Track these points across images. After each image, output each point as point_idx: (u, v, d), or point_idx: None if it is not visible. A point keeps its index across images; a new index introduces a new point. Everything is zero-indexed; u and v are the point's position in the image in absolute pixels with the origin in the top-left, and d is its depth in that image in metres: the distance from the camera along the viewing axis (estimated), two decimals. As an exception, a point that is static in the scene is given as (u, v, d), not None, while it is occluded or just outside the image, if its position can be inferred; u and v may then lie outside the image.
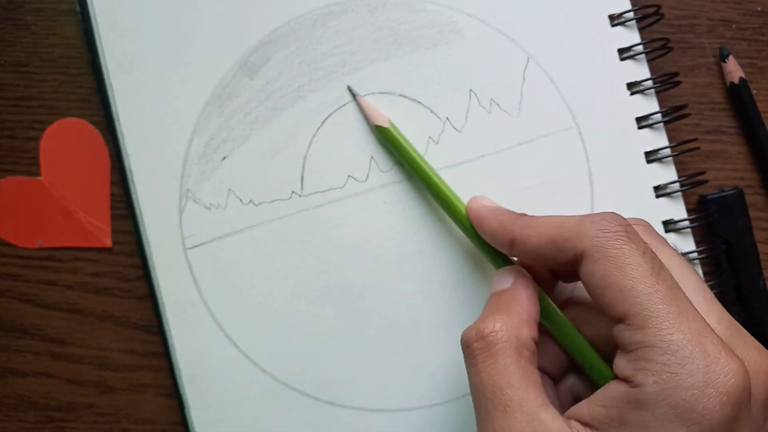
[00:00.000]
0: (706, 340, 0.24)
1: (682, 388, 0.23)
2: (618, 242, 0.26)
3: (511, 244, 0.29)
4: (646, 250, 0.26)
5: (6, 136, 0.36)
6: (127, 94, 0.35)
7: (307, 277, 0.34)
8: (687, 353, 0.23)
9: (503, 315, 0.27)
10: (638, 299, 0.24)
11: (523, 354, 0.27)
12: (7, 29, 0.36)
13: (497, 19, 0.35)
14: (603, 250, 0.26)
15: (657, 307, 0.24)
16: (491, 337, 0.27)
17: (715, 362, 0.23)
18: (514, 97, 0.35)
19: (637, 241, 0.26)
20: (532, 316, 0.28)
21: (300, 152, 0.35)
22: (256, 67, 0.35)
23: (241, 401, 0.34)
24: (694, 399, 0.23)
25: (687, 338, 0.24)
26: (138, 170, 0.35)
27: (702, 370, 0.23)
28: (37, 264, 0.36)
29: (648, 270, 0.25)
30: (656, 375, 0.23)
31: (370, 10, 0.35)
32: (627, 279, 0.25)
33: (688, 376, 0.23)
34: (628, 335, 0.25)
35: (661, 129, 0.36)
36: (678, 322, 0.24)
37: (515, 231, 0.29)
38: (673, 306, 0.24)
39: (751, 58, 0.38)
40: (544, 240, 0.28)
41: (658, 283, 0.25)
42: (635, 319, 0.24)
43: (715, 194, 0.36)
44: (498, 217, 0.30)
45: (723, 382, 0.23)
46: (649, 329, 0.24)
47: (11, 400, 0.36)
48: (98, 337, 0.36)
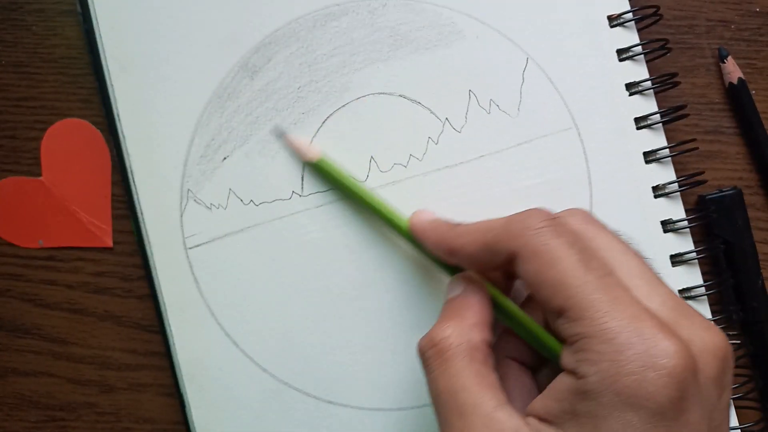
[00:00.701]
0: (643, 324, 0.24)
1: (622, 375, 0.23)
2: (544, 237, 0.26)
3: (451, 254, 0.30)
4: (574, 241, 0.26)
5: (7, 136, 0.36)
6: (128, 95, 0.35)
7: (307, 276, 0.34)
8: (624, 339, 0.23)
9: (454, 321, 0.28)
10: (570, 292, 0.25)
11: (475, 357, 0.27)
12: (8, 30, 0.36)
13: (497, 20, 0.35)
14: (531, 248, 0.26)
15: (590, 297, 0.24)
16: (442, 343, 0.27)
17: (653, 345, 0.23)
18: (513, 98, 0.35)
19: (563, 234, 0.26)
20: (483, 319, 0.28)
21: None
22: (256, 68, 0.35)
23: (241, 400, 0.34)
24: (637, 384, 0.23)
25: (622, 324, 0.24)
26: (139, 170, 0.35)
27: (641, 354, 0.23)
28: (39, 264, 0.36)
29: (576, 262, 0.25)
30: (597, 365, 0.23)
31: (371, 11, 0.35)
32: (558, 273, 0.25)
33: (628, 362, 0.23)
34: (567, 328, 0.25)
35: (660, 129, 0.36)
36: (612, 309, 0.24)
37: (452, 241, 0.29)
38: (606, 294, 0.24)
39: (750, 59, 0.38)
40: (478, 246, 0.28)
41: (588, 273, 0.25)
42: (571, 312, 0.24)
43: (713, 194, 0.36)
44: (436, 229, 0.31)
45: (663, 364, 0.23)
46: (584, 320, 0.24)
47: (12, 399, 0.36)
48: (99, 337, 0.36)
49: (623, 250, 0.28)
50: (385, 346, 0.34)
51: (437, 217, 0.32)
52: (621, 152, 0.35)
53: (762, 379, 0.36)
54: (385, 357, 0.34)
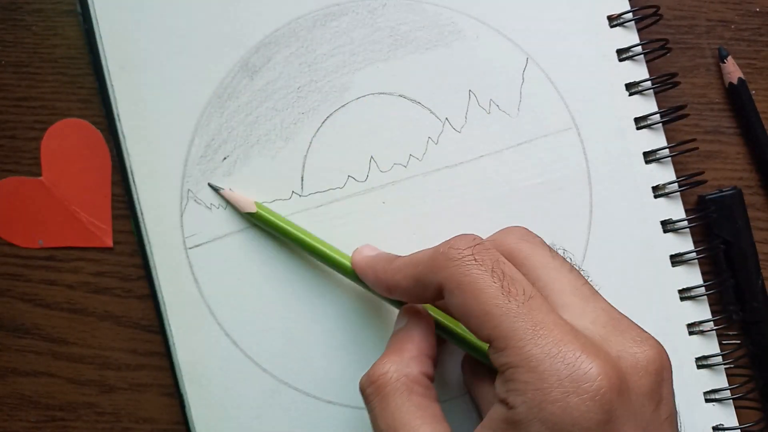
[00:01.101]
0: (565, 349, 0.23)
1: (548, 403, 0.23)
2: (466, 268, 0.25)
3: (389, 291, 0.30)
4: (495, 268, 0.25)
5: (7, 136, 0.36)
6: (128, 95, 0.35)
7: (307, 276, 0.34)
8: (546, 366, 0.23)
9: (394, 355, 0.28)
10: (494, 322, 0.24)
11: (414, 390, 0.27)
12: (8, 30, 0.36)
13: (496, 20, 0.35)
14: (455, 280, 0.26)
15: (513, 326, 0.24)
16: (381, 379, 0.27)
17: (575, 369, 0.23)
18: (513, 98, 0.35)
19: (484, 262, 0.26)
20: (424, 351, 0.28)
21: (300, 152, 0.35)
22: (256, 68, 0.35)
23: (241, 400, 0.34)
24: (561, 411, 0.23)
25: (545, 351, 0.23)
26: (139, 170, 0.35)
27: (563, 380, 0.23)
28: (39, 264, 0.36)
29: (497, 290, 0.25)
30: (523, 394, 0.23)
31: (370, 11, 0.35)
32: (481, 304, 0.25)
33: (551, 390, 0.23)
34: (496, 358, 0.25)
35: (660, 129, 0.36)
36: (535, 336, 0.24)
37: (387, 278, 0.29)
38: (528, 321, 0.24)
39: (750, 59, 0.38)
40: (410, 281, 0.28)
41: (510, 301, 0.24)
42: (497, 342, 0.24)
43: (713, 194, 0.36)
44: (373, 266, 0.31)
45: (586, 387, 0.23)
46: (509, 349, 0.24)
47: (12, 399, 0.36)
48: (99, 337, 0.36)
49: (557, 266, 0.27)
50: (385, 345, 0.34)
51: (377, 253, 0.32)
52: (621, 152, 0.35)
53: (762, 379, 0.36)
54: (385, 357, 0.34)
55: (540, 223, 0.35)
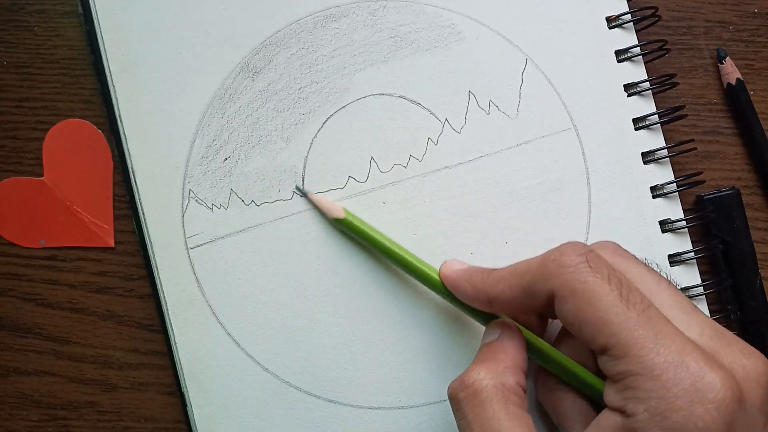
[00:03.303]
0: (688, 358, 0.24)
1: (671, 411, 0.23)
2: (581, 275, 0.25)
3: (489, 303, 0.29)
4: (612, 276, 0.25)
5: (9, 137, 0.36)
6: (130, 96, 0.35)
7: (307, 276, 0.35)
8: (671, 375, 0.23)
9: (487, 363, 0.28)
10: (613, 330, 0.24)
11: (510, 400, 0.27)
12: (10, 31, 0.36)
13: (496, 21, 0.36)
14: (569, 287, 0.25)
15: (633, 334, 0.24)
16: (476, 385, 0.27)
17: (699, 379, 0.23)
18: (512, 99, 0.35)
19: (600, 269, 0.25)
20: (518, 363, 0.28)
21: (301, 153, 0.35)
22: (257, 69, 0.35)
23: (242, 399, 0.34)
24: (685, 419, 0.23)
25: (668, 360, 0.23)
26: (140, 171, 0.35)
27: (688, 389, 0.23)
28: (41, 263, 0.36)
29: (616, 298, 0.25)
30: (645, 402, 0.23)
31: (371, 13, 0.35)
32: (598, 311, 0.25)
33: (675, 399, 0.23)
34: (612, 366, 0.25)
35: (659, 130, 0.36)
36: (657, 345, 0.24)
37: (488, 290, 0.29)
38: (649, 329, 0.24)
39: (748, 60, 0.38)
40: (516, 291, 0.28)
41: (630, 309, 0.24)
42: (615, 350, 0.24)
43: (712, 194, 0.36)
44: (470, 279, 0.30)
45: (711, 398, 0.23)
46: (630, 357, 0.24)
47: (14, 398, 0.36)
48: (101, 336, 0.36)
49: (656, 280, 0.27)
50: (385, 345, 0.34)
51: (468, 266, 0.31)
52: (619, 153, 0.35)
53: (760, 378, 0.36)
54: (385, 356, 0.34)
55: (539, 223, 0.35)
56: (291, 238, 0.35)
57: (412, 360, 0.34)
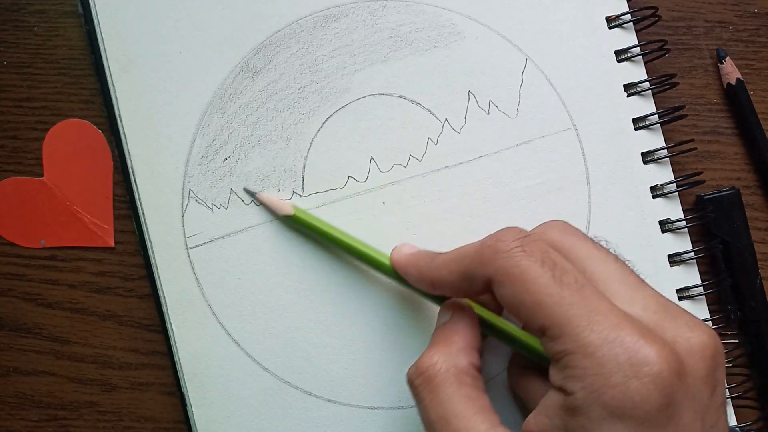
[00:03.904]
0: (623, 333, 0.23)
1: (608, 387, 0.23)
2: (515, 260, 0.25)
3: (433, 286, 0.30)
4: (545, 258, 0.25)
5: (9, 137, 0.36)
6: (130, 96, 0.35)
7: (308, 276, 0.35)
8: (605, 351, 0.23)
9: (440, 347, 0.28)
10: (547, 311, 0.24)
11: (464, 381, 0.27)
12: (10, 31, 0.36)
13: (496, 21, 0.36)
14: (504, 272, 0.26)
15: (567, 313, 0.24)
16: (430, 370, 0.27)
17: (634, 353, 0.23)
18: (512, 99, 0.35)
19: (533, 253, 0.26)
20: (470, 343, 0.29)
21: (301, 153, 0.35)
22: (257, 69, 0.35)
23: (242, 399, 0.34)
24: (622, 394, 0.23)
25: (602, 336, 0.23)
26: (140, 171, 0.35)
27: (623, 364, 0.23)
28: (41, 263, 0.36)
29: (549, 279, 0.25)
30: (582, 380, 0.23)
31: (371, 13, 0.35)
32: (532, 294, 0.25)
33: (611, 375, 0.23)
34: (551, 346, 0.25)
35: (658, 130, 0.36)
36: (590, 322, 0.24)
37: (432, 275, 0.29)
38: (583, 308, 0.24)
39: (748, 60, 0.38)
40: (456, 275, 0.28)
41: (563, 289, 0.25)
42: (551, 330, 0.24)
43: (711, 194, 0.36)
44: (416, 263, 0.31)
45: (646, 371, 0.23)
46: (565, 337, 0.24)
47: (14, 398, 0.36)
48: (101, 336, 0.36)
49: (602, 257, 0.27)
50: (385, 345, 0.35)
51: (417, 250, 0.32)
52: (619, 153, 0.35)
53: (760, 378, 0.36)
54: (384, 356, 0.34)
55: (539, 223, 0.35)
56: (291, 238, 0.35)
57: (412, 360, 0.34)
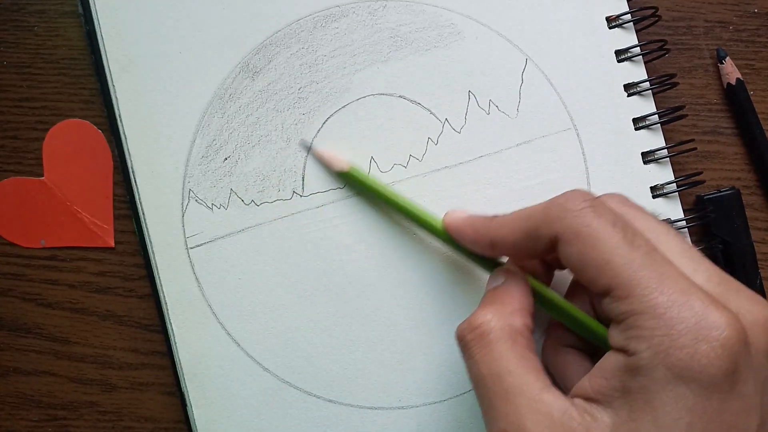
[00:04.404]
0: (693, 298, 0.23)
1: (675, 349, 0.23)
2: (586, 219, 0.25)
3: (492, 246, 0.29)
4: (616, 220, 0.25)
5: (9, 137, 0.36)
6: (130, 96, 0.35)
7: (308, 276, 0.35)
8: (674, 314, 0.23)
9: (494, 306, 0.28)
10: (616, 271, 0.24)
11: (517, 341, 0.27)
12: (10, 31, 0.37)
13: (496, 21, 0.36)
14: (573, 230, 0.26)
15: (637, 274, 0.24)
16: (484, 326, 0.27)
17: (704, 318, 0.23)
18: (512, 99, 0.35)
19: (605, 214, 0.26)
20: (524, 305, 0.28)
21: (301, 153, 0.35)
22: (257, 69, 0.35)
23: (242, 399, 0.34)
24: (689, 357, 0.23)
25: (672, 299, 0.23)
26: (140, 171, 0.35)
27: (692, 327, 0.23)
28: (41, 263, 0.36)
29: (620, 240, 0.25)
30: (648, 340, 0.23)
31: (371, 13, 0.35)
32: (602, 253, 0.25)
33: (679, 336, 0.23)
34: (615, 307, 0.25)
35: (658, 130, 0.36)
36: (660, 285, 0.24)
37: (491, 233, 0.29)
38: (653, 270, 0.24)
39: (748, 60, 0.38)
40: (519, 234, 0.28)
41: (633, 251, 0.25)
42: (618, 291, 0.24)
43: (712, 194, 0.37)
44: (473, 224, 0.30)
45: (715, 336, 0.23)
46: (633, 297, 0.24)
47: (14, 398, 0.36)
48: (101, 336, 0.36)
49: (664, 230, 0.27)
50: (386, 344, 0.35)
51: (471, 213, 0.31)
52: (619, 153, 0.35)
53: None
54: (385, 356, 0.34)
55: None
56: (291, 238, 0.35)
57: (412, 360, 0.34)
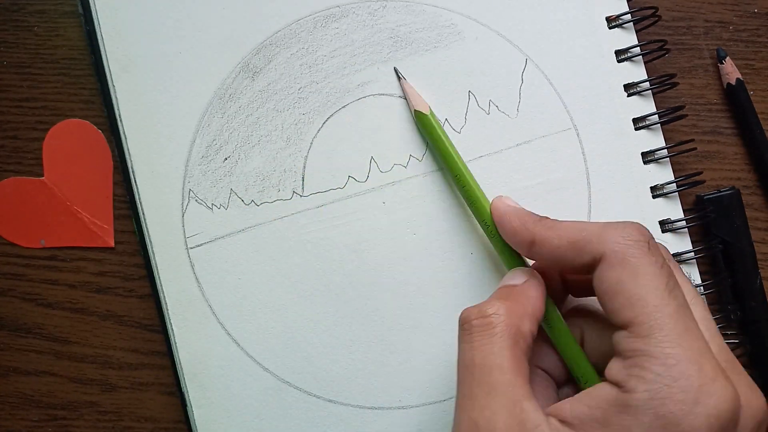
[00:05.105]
0: (705, 361, 0.24)
1: (672, 401, 0.23)
2: (639, 251, 0.25)
3: (531, 244, 0.29)
4: (665, 265, 0.26)
5: (9, 136, 0.36)
6: (130, 96, 0.35)
7: (307, 276, 0.35)
8: (684, 369, 0.23)
9: (509, 303, 0.28)
10: (647, 309, 0.24)
11: (518, 344, 0.27)
12: (11, 31, 0.36)
13: (496, 21, 0.36)
14: (622, 256, 0.25)
15: (664, 320, 0.24)
16: (493, 318, 0.27)
17: (710, 383, 0.23)
18: (512, 99, 0.35)
19: (657, 255, 0.26)
20: (536, 313, 0.28)
21: (301, 153, 0.35)
22: (257, 69, 0.35)
23: (242, 399, 0.34)
24: (682, 414, 0.23)
25: (687, 355, 0.24)
26: (140, 170, 0.35)
27: (695, 387, 0.23)
28: (41, 263, 0.36)
29: (663, 283, 0.25)
30: (649, 383, 0.23)
31: (371, 13, 0.35)
32: (639, 288, 0.25)
33: (680, 391, 0.23)
34: (628, 342, 0.25)
35: (658, 130, 0.36)
36: (681, 338, 0.24)
37: (537, 231, 0.29)
38: (680, 323, 0.24)
39: (748, 60, 0.38)
40: (565, 242, 0.28)
41: (670, 298, 0.25)
42: (639, 328, 0.24)
43: (711, 194, 0.36)
44: (521, 217, 0.30)
45: (713, 404, 0.23)
46: (651, 339, 0.24)
47: (14, 398, 0.36)
48: (101, 336, 0.36)
49: (693, 293, 0.28)
50: (386, 344, 0.34)
51: (521, 207, 0.31)
52: (619, 153, 0.35)
53: (761, 378, 0.36)
54: (385, 356, 0.34)
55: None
56: (291, 238, 0.35)
57: (412, 360, 0.34)
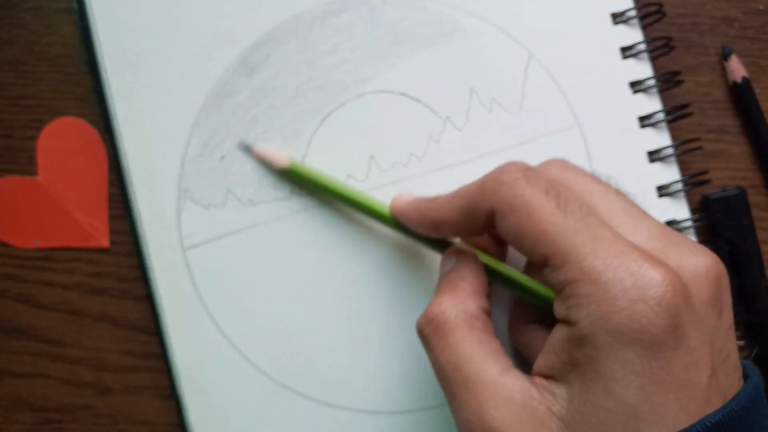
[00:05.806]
0: (628, 258, 0.23)
1: (613, 313, 0.22)
2: (519, 189, 0.25)
3: (435, 227, 0.30)
4: (549, 188, 0.25)
5: (3, 135, 0.36)
6: (125, 93, 0.35)
7: (306, 277, 0.34)
8: (609, 277, 0.23)
9: (448, 294, 0.28)
10: (551, 239, 0.24)
11: (474, 326, 0.27)
12: (4, 27, 0.36)
13: (498, 17, 0.35)
14: (507, 202, 0.26)
15: (571, 241, 0.24)
16: (439, 317, 0.27)
17: (640, 277, 0.23)
18: (515, 96, 0.35)
19: (538, 183, 0.26)
20: (478, 288, 0.28)
21: (299, 151, 0.35)
22: (255, 66, 0.35)
23: (239, 403, 0.34)
24: (628, 319, 0.22)
25: (606, 262, 0.23)
26: (136, 170, 0.35)
27: (628, 289, 0.23)
28: (34, 264, 0.36)
29: (553, 208, 0.25)
30: (586, 308, 0.23)
31: (371, 8, 0.35)
32: (536, 223, 0.25)
33: (616, 299, 0.23)
34: (554, 276, 0.24)
35: (664, 128, 0.36)
36: (594, 249, 0.24)
37: (432, 214, 0.29)
38: (587, 235, 0.24)
39: (754, 57, 0.38)
40: (458, 213, 0.28)
41: (567, 217, 0.24)
42: (555, 259, 0.24)
43: (717, 194, 0.36)
44: (417, 207, 0.30)
45: (652, 294, 0.22)
46: (569, 265, 0.24)
47: (8, 401, 0.36)
48: (96, 338, 0.36)
49: (604, 191, 0.27)
50: (385, 347, 0.34)
51: (416, 196, 0.31)
52: (625, 151, 0.35)
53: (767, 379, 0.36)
54: (384, 359, 0.34)
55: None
56: (289, 238, 0.34)
57: (412, 363, 0.34)
